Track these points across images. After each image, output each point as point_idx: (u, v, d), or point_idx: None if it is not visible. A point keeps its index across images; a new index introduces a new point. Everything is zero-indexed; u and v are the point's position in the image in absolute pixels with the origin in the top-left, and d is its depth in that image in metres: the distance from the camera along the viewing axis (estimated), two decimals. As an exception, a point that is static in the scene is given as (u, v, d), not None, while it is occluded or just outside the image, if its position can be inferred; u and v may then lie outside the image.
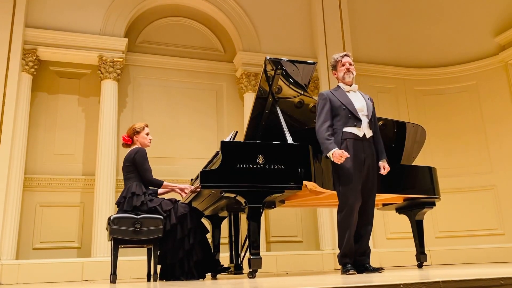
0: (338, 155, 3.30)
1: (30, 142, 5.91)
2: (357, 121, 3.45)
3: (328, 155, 3.36)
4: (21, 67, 5.86)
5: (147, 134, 4.06)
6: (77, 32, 6.22)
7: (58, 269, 5.20)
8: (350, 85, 3.65)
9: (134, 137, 4.02)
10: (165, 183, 3.84)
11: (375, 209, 5.15)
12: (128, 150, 4.01)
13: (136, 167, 3.81)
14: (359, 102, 3.56)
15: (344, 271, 3.29)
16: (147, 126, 4.11)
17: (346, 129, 3.44)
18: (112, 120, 6.05)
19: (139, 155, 3.83)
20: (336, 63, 3.69)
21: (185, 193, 3.96)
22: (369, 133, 3.50)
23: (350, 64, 3.66)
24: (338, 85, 3.70)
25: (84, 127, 6.27)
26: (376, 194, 3.99)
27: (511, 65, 7.32)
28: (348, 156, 3.33)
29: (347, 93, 3.59)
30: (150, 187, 3.89)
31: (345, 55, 3.69)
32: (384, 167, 3.53)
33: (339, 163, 3.32)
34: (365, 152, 3.44)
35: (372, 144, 3.52)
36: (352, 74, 3.64)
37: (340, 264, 3.38)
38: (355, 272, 3.26)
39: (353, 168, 3.36)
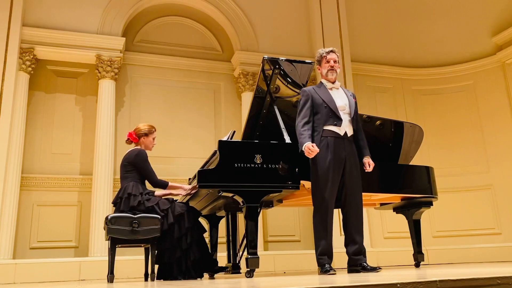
0: (307, 148, 3.28)
1: (27, 141, 5.90)
2: (337, 120, 3.41)
3: (301, 149, 3.34)
4: (18, 66, 5.85)
5: (153, 139, 4.05)
6: (74, 31, 6.21)
7: (55, 269, 5.19)
8: (333, 82, 3.58)
9: (142, 138, 3.98)
10: (170, 183, 3.83)
11: (373, 209, 5.18)
12: (129, 148, 3.99)
13: (135, 168, 3.79)
14: (341, 100, 3.50)
15: (323, 271, 3.22)
16: (155, 130, 4.08)
17: (326, 127, 3.41)
18: (110, 119, 6.04)
19: (141, 158, 3.80)
20: (321, 59, 3.59)
21: (181, 193, 3.94)
22: (350, 132, 3.47)
23: (335, 62, 3.56)
24: (320, 82, 3.62)
25: (82, 126, 6.26)
26: (374, 194, 4.01)
27: (508, 65, 7.35)
28: (318, 151, 3.30)
29: (330, 91, 3.53)
30: (147, 187, 3.87)
31: (331, 51, 3.58)
32: (369, 164, 3.49)
33: (310, 157, 3.31)
34: (346, 150, 3.40)
35: (353, 142, 3.48)
36: (336, 72, 3.55)
37: (318, 265, 3.31)
38: (335, 272, 3.23)
39: (332, 167, 3.33)
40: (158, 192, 3.95)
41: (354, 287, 1.68)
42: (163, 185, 3.82)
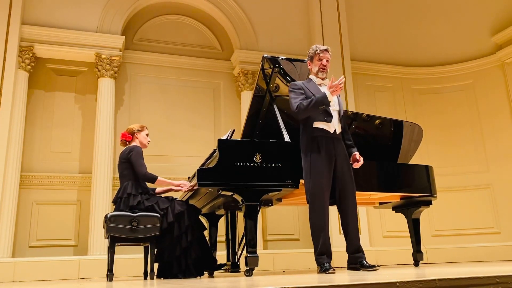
0: (334, 85, 3.26)
1: (27, 140, 5.90)
2: (327, 116, 3.40)
3: (331, 100, 3.30)
4: (17, 64, 5.84)
5: (147, 135, 4.05)
6: (74, 30, 6.20)
7: (55, 267, 5.19)
8: (323, 80, 3.57)
9: (135, 134, 3.98)
10: (159, 178, 3.79)
11: (372, 208, 5.19)
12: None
13: (130, 165, 3.78)
14: (330, 96, 3.45)
15: (323, 270, 3.20)
16: (146, 128, 4.09)
17: (316, 125, 3.39)
18: (109, 118, 6.04)
19: (135, 153, 3.79)
20: (314, 55, 3.57)
21: (181, 188, 3.91)
22: (339, 129, 3.47)
23: (327, 61, 3.54)
24: (309, 78, 3.61)
25: (81, 125, 6.26)
26: (373, 193, 4.01)
27: (508, 64, 7.35)
28: (344, 78, 3.31)
29: (319, 86, 3.52)
30: (148, 187, 3.86)
31: (326, 49, 3.55)
32: (359, 156, 3.46)
33: (340, 91, 3.30)
34: (336, 149, 3.40)
35: (341, 140, 3.48)
36: (326, 72, 3.54)
37: (317, 264, 3.29)
38: (335, 271, 3.22)
39: (324, 166, 3.31)
40: (159, 189, 3.95)
41: (353, 286, 1.68)
42: (152, 178, 3.76)
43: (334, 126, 3.43)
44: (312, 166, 3.33)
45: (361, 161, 3.47)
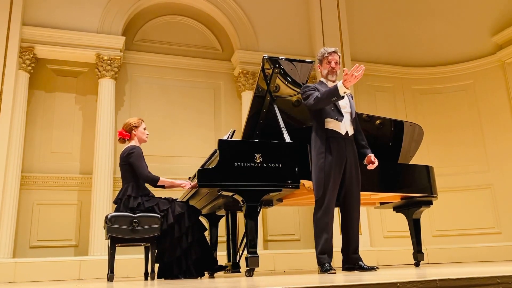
0: (350, 75, 3.15)
1: (27, 140, 5.90)
2: (339, 115, 3.41)
3: (344, 91, 3.20)
4: (18, 65, 5.84)
5: (144, 129, 3.98)
6: (74, 30, 6.21)
7: (55, 268, 5.19)
8: (333, 82, 3.57)
9: (133, 131, 3.91)
10: (161, 178, 3.76)
11: (373, 208, 5.19)
12: (124, 146, 3.94)
13: (131, 167, 3.76)
14: (342, 87, 3.42)
15: (323, 270, 3.21)
16: (143, 121, 4.02)
17: (328, 125, 3.40)
18: (110, 118, 6.04)
19: (135, 155, 3.74)
20: (322, 58, 3.58)
21: (183, 188, 3.90)
22: (351, 131, 3.49)
23: (336, 63, 3.55)
24: (320, 80, 3.63)
25: (82, 125, 6.26)
26: (373, 193, 4.01)
27: (508, 64, 7.34)
28: (364, 67, 3.22)
29: None
30: (147, 188, 3.85)
31: (334, 51, 3.56)
32: (374, 158, 3.48)
33: (356, 80, 3.18)
34: (347, 150, 3.42)
35: (353, 142, 3.50)
36: (336, 74, 3.55)
37: (318, 263, 3.30)
38: (335, 272, 3.23)
39: (333, 167, 3.33)
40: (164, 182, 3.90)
41: (354, 286, 1.68)
42: (154, 180, 3.73)
43: (346, 127, 3.45)
44: (322, 166, 3.35)
45: (376, 163, 3.49)
